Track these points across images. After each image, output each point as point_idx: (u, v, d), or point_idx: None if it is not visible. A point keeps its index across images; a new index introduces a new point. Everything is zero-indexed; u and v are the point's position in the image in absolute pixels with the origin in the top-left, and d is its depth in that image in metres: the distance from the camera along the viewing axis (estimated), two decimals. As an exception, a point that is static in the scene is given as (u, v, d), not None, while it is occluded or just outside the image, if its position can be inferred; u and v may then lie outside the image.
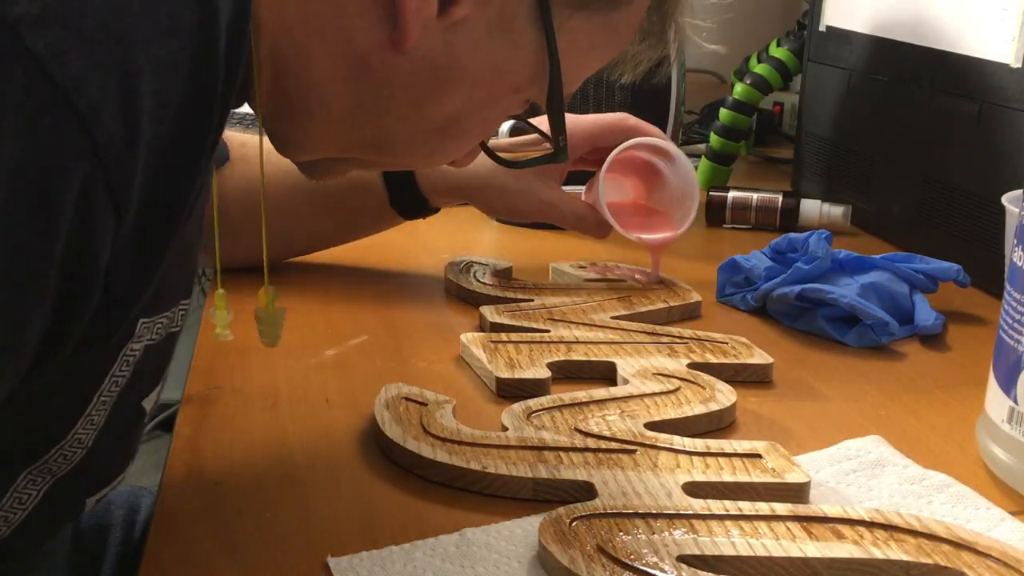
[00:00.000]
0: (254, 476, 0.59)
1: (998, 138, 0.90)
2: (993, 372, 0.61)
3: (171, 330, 0.53)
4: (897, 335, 0.80)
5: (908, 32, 1.03)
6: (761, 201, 1.11)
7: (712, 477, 0.57)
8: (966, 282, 0.84)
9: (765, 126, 1.56)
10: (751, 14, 1.97)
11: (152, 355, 0.51)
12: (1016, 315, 0.59)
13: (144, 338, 0.50)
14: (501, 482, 0.57)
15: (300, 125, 0.57)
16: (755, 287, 0.86)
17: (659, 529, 0.51)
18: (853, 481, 0.59)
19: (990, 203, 0.88)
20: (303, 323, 0.81)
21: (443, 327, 0.82)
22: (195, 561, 0.51)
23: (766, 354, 0.75)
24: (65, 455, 0.50)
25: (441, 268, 0.91)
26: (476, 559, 0.51)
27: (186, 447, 0.62)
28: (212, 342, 0.76)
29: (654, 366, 0.72)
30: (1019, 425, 0.59)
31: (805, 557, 0.50)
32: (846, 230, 1.09)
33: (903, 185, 1.06)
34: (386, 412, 0.63)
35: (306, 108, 0.55)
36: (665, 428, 0.63)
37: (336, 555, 0.51)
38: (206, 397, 0.68)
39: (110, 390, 0.50)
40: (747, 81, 1.26)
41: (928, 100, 1.00)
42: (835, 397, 0.72)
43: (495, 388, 0.69)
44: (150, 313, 0.49)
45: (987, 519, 0.56)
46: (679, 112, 1.11)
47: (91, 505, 0.56)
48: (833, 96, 1.19)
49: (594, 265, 0.94)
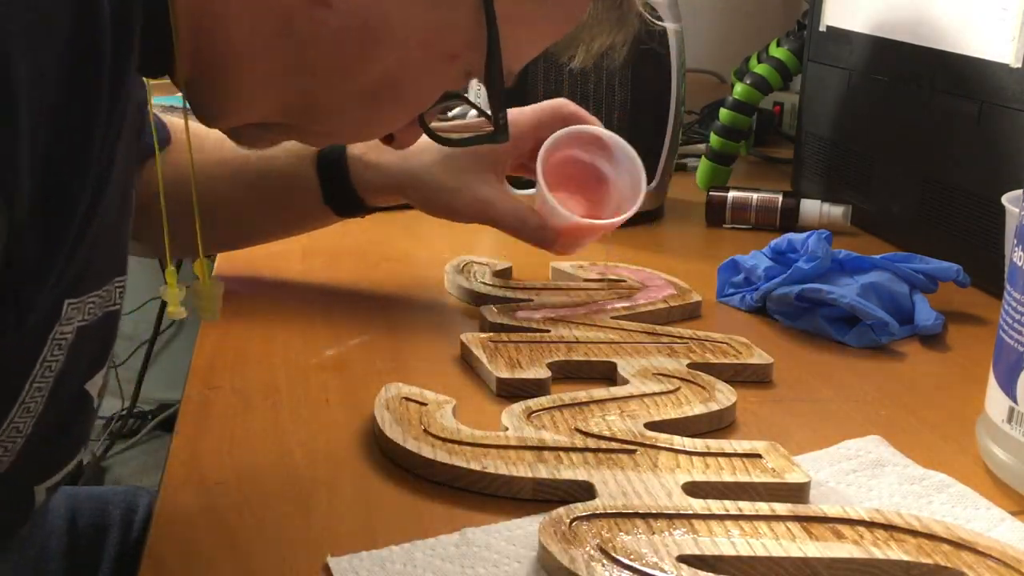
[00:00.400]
0: (254, 476, 0.59)
1: (998, 138, 0.90)
2: (993, 372, 0.61)
3: (108, 309, 0.51)
4: (897, 335, 0.80)
5: (908, 32, 1.03)
6: (761, 201, 1.11)
7: (712, 477, 0.57)
8: (966, 282, 0.84)
9: (765, 126, 1.56)
10: (751, 14, 1.98)
11: (89, 336, 0.50)
12: (1016, 315, 0.59)
13: (75, 320, 0.48)
14: (501, 482, 0.57)
15: (222, 89, 0.54)
16: (755, 287, 0.86)
17: (659, 529, 0.51)
18: (853, 481, 0.59)
19: (990, 203, 0.88)
20: (303, 323, 0.81)
21: (443, 327, 0.82)
22: (195, 561, 0.51)
23: (766, 354, 0.75)
24: (3, 444, 0.49)
25: (441, 268, 0.91)
26: (476, 559, 0.51)
27: (186, 447, 0.62)
28: (213, 342, 0.77)
29: (654, 366, 0.72)
30: (1019, 425, 0.59)
31: (805, 557, 0.50)
32: (846, 230, 1.09)
33: (903, 185, 1.06)
34: (386, 412, 0.63)
35: (228, 71, 0.53)
36: (665, 428, 0.63)
37: (336, 555, 0.51)
38: (206, 397, 0.68)
39: (44, 376, 0.48)
40: (747, 81, 1.26)
41: (928, 100, 1.00)
42: (835, 397, 0.72)
43: (495, 388, 0.69)
44: (77, 293, 0.48)
45: (987, 519, 0.56)
46: (679, 112, 1.11)
47: (43, 495, 0.54)
48: (833, 96, 1.19)
49: (594, 265, 0.94)
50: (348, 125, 0.59)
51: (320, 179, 0.83)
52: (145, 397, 2.44)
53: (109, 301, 0.51)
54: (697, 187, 1.28)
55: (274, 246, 0.99)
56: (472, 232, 1.08)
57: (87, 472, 2.22)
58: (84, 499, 0.81)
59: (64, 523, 0.78)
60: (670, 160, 1.11)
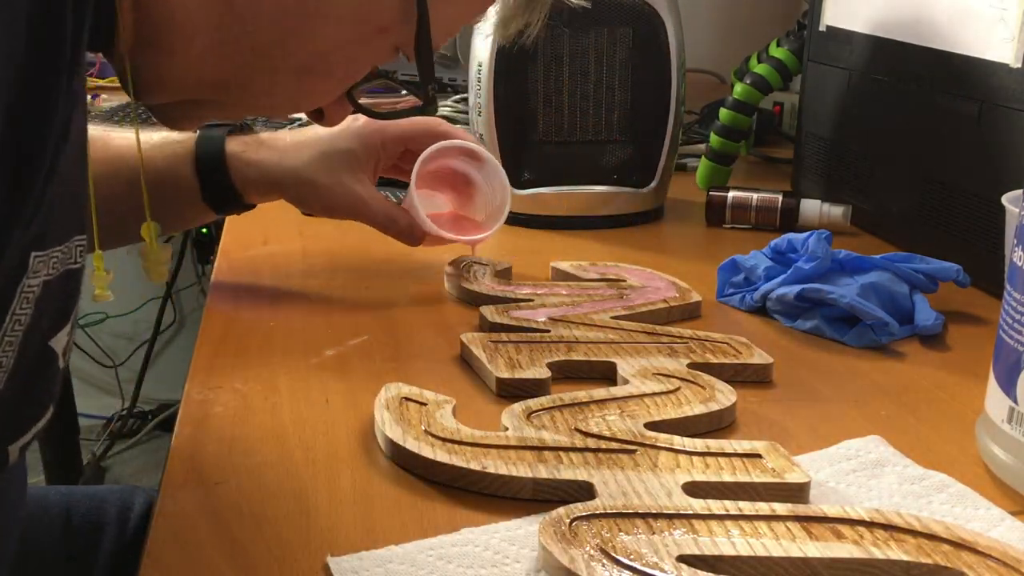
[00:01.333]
0: (254, 476, 0.59)
1: (998, 138, 0.90)
2: (993, 372, 0.61)
3: (69, 266, 0.52)
4: (897, 335, 0.80)
5: (908, 32, 1.03)
6: (761, 201, 1.11)
7: (712, 477, 0.57)
8: (966, 282, 0.84)
9: (765, 126, 1.56)
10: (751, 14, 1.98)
11: (53, 292, 0.51)
12: (1016, 315, 0.59)
13: (40, 273, 0.49)
14: (501, 482, 0.57)
15: (160, 62, 0.55)
16: (755, 287, 0.86)
17: (659, 529, 0.51)
18: (853, 481, 0.59)
19: (990, 203, 0.88)
20: (303, 323, 0.81)
21: (443, 327, 0.82)
22: (195, 561, 0.51)
23: (766, 354, 0.75)
24: None
25: (441, 268, 0.91)
26: (476, 559, 0.51)
27: (186, 447, 0.62)
28: (213, 342, 0.77)
29: (654, 366, 0.72)
30: (1019, 425, 0.59)
31: (805, 557, 0.50)
32: (846, 230, 1.09)
33: (903, 185, 1.06)
34: (386, 412, 0.63)
35: (167, 43, 0.54)
36: (665, 428, 0.63)
37: (336, 555, 0.51)
38: (206, 397, 0.68)
39: (13, 329, 0.49)
40: (747, 81, 1.26)
41: (928, 100, 1.00)
42: (835, 397, 0.72)
43: (495, 388, 0.69)
44: (43, 247, 0.49)
45: (987, 519, 0.56)
46: (679, 112, 1.11)
47: (16, 454, 0.55)
48: (833, 96, 1.19)
49: (594, 265, 0.94)
50: (280, 100, 0.61)
51: (199, 178, 0.85)
52: (145, 397, 2.44)
53: (70, 258, 0.52)
54: (697, 187, 1.28)
55: (274, 246, 0.99)
56: (472, 232, 1.08)
57: (87, 472, 2.23)
58: (80, 498, 0.81)
59: (60, 522, 0.78)
60: (670, 160, 1.12)
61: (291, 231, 1.04)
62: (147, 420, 2.46)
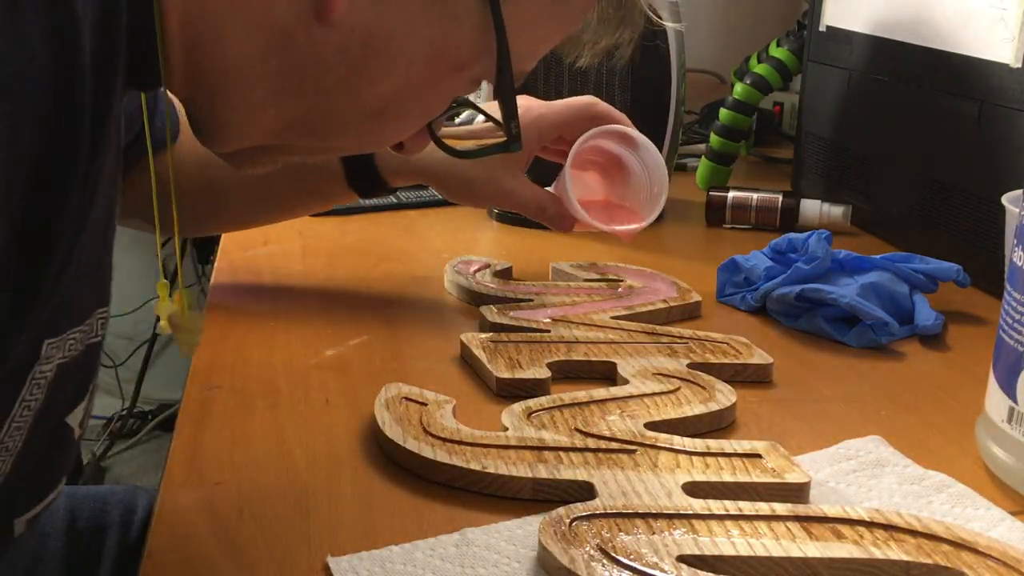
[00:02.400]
0: (254, 476, 0.59)
1: (998, 138, 0.90)
2: (993, 372, 0.61)
3: (90, 341, 0.49)
4: (897, 335, 0.80)
5: (908, 32, 1.03)
6: (761, 201, 1.11)
7: (712, 477, 0.57)
8: (966, 282, 0.84)
9: (765, 126, 1.56)
10: (751, 14, 1.98)
11: (69, 372, 0.48)
12: (1016, 315, 0.59)
13: (54, 358, 0.47)
14: (501, 482, 0.57)
15: (219, 112, 0.52)
16: (755, 287, 0.86)
17: (659, 529, 0.51)
18: (853, 481, 0.59)
19: (990, 203, 0.88)
20: (303, 323, 0.81)
21: (443, 327, 0.82)
22: (195, 561, 0.51)
23: (766, 354, 0.75)
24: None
25: (441, 268, 0.91)
26: (476, 559, 0.51)
27: (186, 447, 0.62)
28: (213, 342, 0.77)
29: (654, 366, 0.72)
30: (1019, 425, 0.59)
31: (805, 557, 0.50)
32: (846, 230, 1.09)
33: (903, 185, 1.06)
34: (386, 412, 0.63)
35: (224, 92, 0.51)
36: (665, 428, 0.63)
37: (336, 555, 0.51)
38: (206, 397, 0.68)
39: (22, 415, 0.47)
40: (747, 81, 1.26)
41: (928, 100, 1.00)
42: (835, 397, 0.72)
43: (495, 388, 0.69)
44: (57, 332, 0.46)
45: (987, 519, 0.56)
46: (679, 112, 1.11)
47: (23, 527, 0.53)
48: (833, 96, 1.19)
49: (594, 265, 0.94)
50: (351, 142, 0.57)
51: (344, 163, 0.83)
52: (145, 397, 2.44)
53: (91, 334, 0.49)
54: (697, 187, 1.28)
55: (274, 246, 0.99)
56: (472, 232, 1.08)
57: (87, 472, 2.22)
58: (83, 499, 0.81)
59: (63, 523, 0.78)
60: (670, 160, 1.11)
61: (291, 231, 1.04)
62: (147, 420, 2.46)
